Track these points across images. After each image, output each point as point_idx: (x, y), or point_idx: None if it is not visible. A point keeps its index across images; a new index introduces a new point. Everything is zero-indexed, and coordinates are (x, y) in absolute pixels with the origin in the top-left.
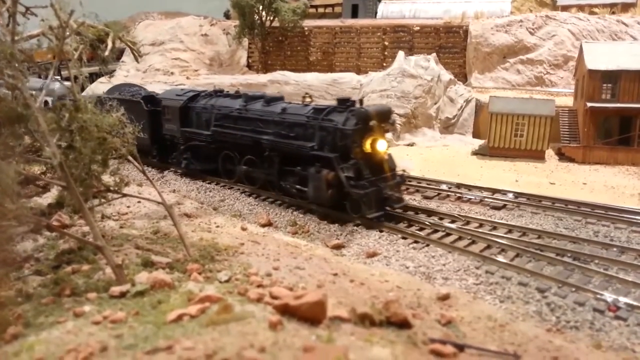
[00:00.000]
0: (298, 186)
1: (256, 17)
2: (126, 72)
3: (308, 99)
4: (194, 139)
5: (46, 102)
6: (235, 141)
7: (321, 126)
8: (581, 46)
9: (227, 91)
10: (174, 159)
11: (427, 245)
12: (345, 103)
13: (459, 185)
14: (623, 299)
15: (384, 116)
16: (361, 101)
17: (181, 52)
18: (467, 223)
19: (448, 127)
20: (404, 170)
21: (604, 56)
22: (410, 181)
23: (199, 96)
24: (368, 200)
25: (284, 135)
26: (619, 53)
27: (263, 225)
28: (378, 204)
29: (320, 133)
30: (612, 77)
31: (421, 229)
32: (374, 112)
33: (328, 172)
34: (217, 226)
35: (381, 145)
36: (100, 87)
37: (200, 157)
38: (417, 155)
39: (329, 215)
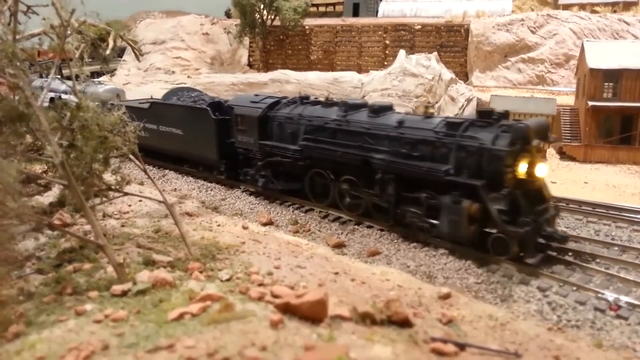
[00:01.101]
0: (425, 218)
1: (257, 15)
2: (127, 71)
3: (431, 110)
4: (275, 153)
5: None
6: (332, 159)
7: (460, 145)
8: (582, 45)
9: (316, 97)
10: (247, 175)
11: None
12: (489, 116)
13: None
14: (624, 298)
15: (544, 133)
16: (508, 113)
17: (182, 51)
18: None
19: None
20: (557, 200)
21: (605, 55)
22: None
23: (279, 104)
24: (529, 240)
25: (405, 155)
26: (620, 52)
27: (264, 224)
28: (537, 244)
29: (459, 154)
30: (614, 76)
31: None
32: (535, 128)
33: (470, 203)
34: (218, 225)
35: (541, 170)
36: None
37: (281, 174)
38: None
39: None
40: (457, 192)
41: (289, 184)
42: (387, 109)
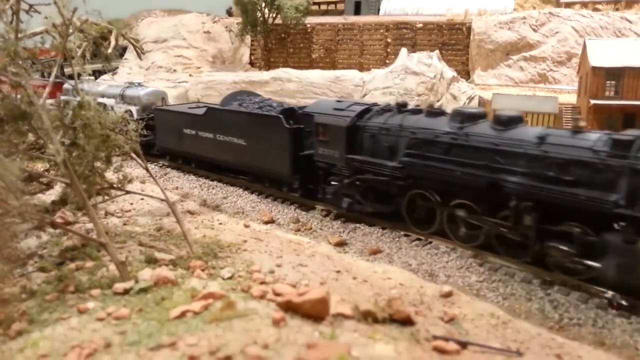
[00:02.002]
0: (578, 258)
1: (258, 14)
2: (129, 70)
3: (582, 123)
4: (366, 170)
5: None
6: (444, 179)
7: (635, 169)
8: (585, 43)
9: (418, 105)
10: (327, 194)
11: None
12: None
13: None
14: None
15: None
16: None
17: (184, 49)
18: None
19: None
20: None
21: (607, 53)
22: None
23: (370, 111)
24: None
25: (551, 179)
26: (622, 50)
27: (266, 223)
28: None
29: (633, 180)
30: (616, 74)
31: None
32: None
33: None
34: (220, 223)
35: None
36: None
37: (371, 194)
38: None
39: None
40: (631, 228)
41: (381, 206)
42: (517, 120)
